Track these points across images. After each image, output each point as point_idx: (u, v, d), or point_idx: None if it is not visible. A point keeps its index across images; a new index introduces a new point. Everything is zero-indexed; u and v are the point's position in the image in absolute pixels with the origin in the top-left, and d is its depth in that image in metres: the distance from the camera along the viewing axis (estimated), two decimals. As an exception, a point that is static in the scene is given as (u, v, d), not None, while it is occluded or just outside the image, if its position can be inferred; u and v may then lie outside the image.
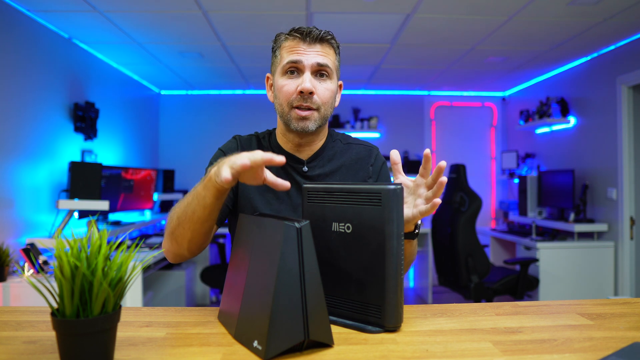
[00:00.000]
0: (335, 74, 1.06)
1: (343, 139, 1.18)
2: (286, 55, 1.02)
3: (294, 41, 1.02)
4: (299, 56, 1.01)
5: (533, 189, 4.17)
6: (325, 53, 1.03)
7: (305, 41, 1.01)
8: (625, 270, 3.37)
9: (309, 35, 1.01)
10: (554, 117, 3.93)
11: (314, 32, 1.01)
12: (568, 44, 3.34)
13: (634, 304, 0.92)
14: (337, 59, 1.08)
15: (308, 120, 1.02)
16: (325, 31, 1.03)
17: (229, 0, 2.57)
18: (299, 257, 0.65)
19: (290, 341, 0.63)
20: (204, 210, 0.87)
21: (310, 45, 1.02)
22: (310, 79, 1.00)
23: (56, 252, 0.57)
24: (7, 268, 2.34)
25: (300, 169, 1.10)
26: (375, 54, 3.61)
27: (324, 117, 1.04)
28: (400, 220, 0.74)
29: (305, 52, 1.01)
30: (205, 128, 4.94)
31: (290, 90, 1.01)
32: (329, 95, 1.04)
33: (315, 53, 1.01)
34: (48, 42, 2.89)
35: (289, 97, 1.02)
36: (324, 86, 1.03)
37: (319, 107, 1.03)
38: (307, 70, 1.01)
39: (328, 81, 1.04)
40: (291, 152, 1.10)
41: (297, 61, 1.01)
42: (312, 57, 1.01)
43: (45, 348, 0.67)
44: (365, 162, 1.14)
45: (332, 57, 1.04)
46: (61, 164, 3.00)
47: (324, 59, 1.02)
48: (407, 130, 5.11)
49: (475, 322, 0.80)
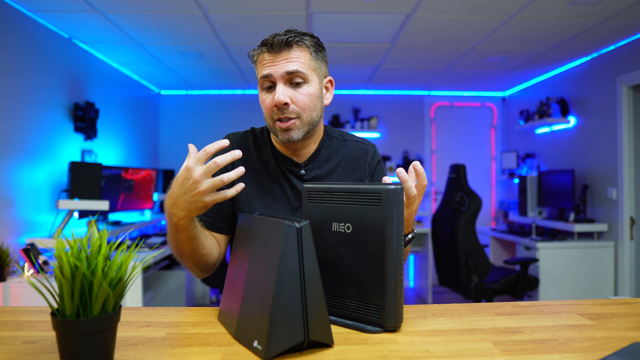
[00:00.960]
0: (315, 74, 1.02)
1: (339, 136, 1.16)
2: (260, 70, 1.01)
3: (262, 54, 1.01)
4: (268, 69, 0.99)
5: (533, 189, 4.17)
6: (295, 57, 0.99)
7: (271, 51, 0.99)
8: (625, 270, 3.37)
9: (273, 44, 0.98)
10: (554, 117, 3.93)
11: (277, 39, 0.98)
12: (568, 44, 3.34)
13: (634, 304, 0.92)
14: (315, 57, 1.02)
15: (291, 130, 1.00)
16: (290, 34, 0.99)
17: (229, 0, 2.57)
18: (299, 257, 0.65)
19: (290, 341, 0.63)
20: (191, 243, 0.92)
21: (278, 54, 0.98)
22: (284, 90, 0.98)
23: (56, 252, 0.57)
24: (7, 268, 2.34)
25: (298, 172, 1.09)
26: (375, 54, 3.61)
27: (308, 122, 1.02)
28: (401, 220, 0.74)
29: (274, 62, 0.98)
30: (205, 128, 4.94)
31: (268, 104, 1.00)
32: (308, 100, 1.00)
33: (284, 61, 0.98)
34: (48, 42, 2.89)
35: (269, 111, 1.01)
36: (301, 92, 1.00)
37: (300, 115, 1.00)
38: (279, 82, 0.98)
39: (304, 86, 1.00)
40: (288, 155, 1.10)
41: (268, 75, 0.99)
42: (280, 66, 0.98)
43: (45, 348, 0.67)
44: (362, 160, 1.13)
45: (304, 59, 1.00)
46: (61, 164, 3.00)
47: (292, 66, 0.98)
48: (407, 130, 5.11)
49: (475, 322, 0.80)
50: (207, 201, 0.81)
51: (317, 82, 1.03)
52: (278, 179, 1.09)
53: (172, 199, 0.84)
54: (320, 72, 1.05)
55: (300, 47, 1.00)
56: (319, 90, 1.04)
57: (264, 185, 1.09)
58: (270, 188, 1.08)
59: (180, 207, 0.83)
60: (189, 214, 0.84)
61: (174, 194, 0.83)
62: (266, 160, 1.10)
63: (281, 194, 1.08)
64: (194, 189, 0.80)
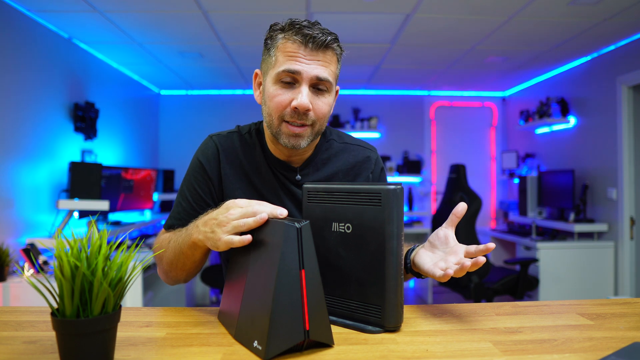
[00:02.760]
0: (334, 84, 0.94)
1: (338, 138, 1.08)
2: (283, 60, 0.89)
3: (293, 44, 0.88)
4: (298, 66, 0.88)
5: (533, 189, 4.17)
6: (328, 63, 0.90)
7: (307, 47, 0.88)
8: (625, 270, 3.37)
9: (313, 42, 0.87)
10: (554, 117, 3.93)
11: (317, 38, 0.87)
12: (568, 44, 3.34)
13: (634, 304, 0.92)
14: (338, 67, 0.95)
15: (300, 137, 0.91)
16: (330, 37, 0.90)
17: (229, 0, 2.57)
18: (299, 258, 0.65)
19: (290, 341, 0.63)
20: (193, 263, 0.91)
21: (312, 53, 0.88)
22: (308, 94, 0.89)
23: (56, 252, 0.57)
24: (7, 268, 2.33)
25: (293, 177, 1.01)
26: (375, 54, 3.61)
27: (317, 132, 0.95)
28: (400, 220, 0.74)
29: (306, 61, 0.88)
30: (205, 128, 4.93)
31: (283, 102, 0.89)
32: (327, 110, 0.93)
33: (316, 63, 0.88)
34: (48, 42, 2.89)
35: (281, 110, 0.90)
36: (322, 101, 0.91)
37: (314, 123, 0.92)
38: (304, 84, 0.88)
39: (327, 95, 0.92)
40: (281, 158, 1.01)
41: (296, 72, 0.88)
42: (312, 68, 0.88)
43: (45, 348, 0.67)
44: (365, 167, 1.07)
45: (333, 67, 0.92)
46: (61, 164, 3.00)
47: (324, 72, 0.89)
48: (407, 130, 5.11)
49: (475, 322, 0.80)
50: (223, 239, 0.75)
51: (334, 92, 0.97)
52: (272, 185, 1.01)
53: (207, 217, 0.80)
54: (337, 81, 0.97)
55: (334, 52, 0.92)
56: (334, 100, 0.97)
57: (256, 191, 1.01)
58: (263, 194, 1.00)
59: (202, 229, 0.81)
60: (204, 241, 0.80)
61: (212, 215, 0.79)
62: (257, 164, 1.01)
63: (276, 201, 1.00)
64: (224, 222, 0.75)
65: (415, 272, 0.87)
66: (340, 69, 0.98)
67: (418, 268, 0.84)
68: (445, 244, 0.84)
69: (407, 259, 0.88)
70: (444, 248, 0.84)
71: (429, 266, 0.80)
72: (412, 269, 0.87)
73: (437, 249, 0.85)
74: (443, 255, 0.82)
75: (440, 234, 0.86)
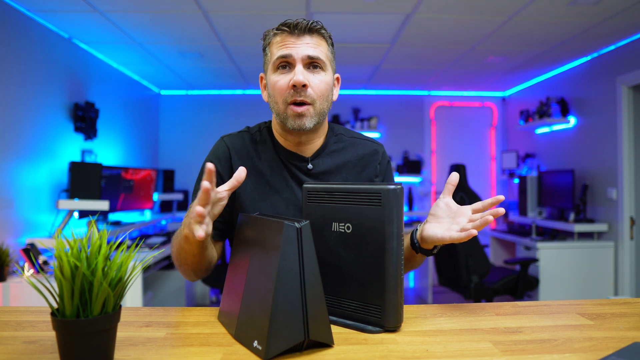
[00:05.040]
0: (330, 65, 1.01)
1: (346, 133, 1.13)
2: (276, 50, 0.98)
3: (282, 35, 0.98)
4: (288, 50, 0.96)
5: (533, 189, 4.17)
6: (316, 44, 0.98)
7: (293, 34, 0.97)
8: (625, 270, 3.37)
9: (297, 27, 0.97)
10: (554, 117, 3.93)
11: (301, 23, 0.97)
12: (568, 44, 3.34)
13: (634, 304, 0.92)
14: (330, 50, 1.03)
15: (304, 117, 0.97)
16: (314, 21, 0.98)
17: (229, 0, 2.57)
18: (299, 258, 0.65)
19: (290, 341, 0.63)
20: (193, 257, 0.92)
21: (300, 38, 0.97)
22: (303, 72, 0.96)
23: (56, 252, 0.57)
24: (7, 268, 2.34)
25: (305, 167, 1.05)
26: (375, 54, 3.61)
27: (320, 112, 1.00)
28: (400, 220, 0.74)
29: (295, 44, 0.96)
30: (205, 128, 4.93)
31: (283, 85, 0.97)
32: (324, 87, 0.99)
33: (305, 45, 0.96)
34: (48, 42, 2.89)
35: (283, 92, 0.97)
36: (318, 78, 0.98)
37: (314, 101, 0.98)
38: (298, 63, 0.96)
39: (322, 73, 0.99)
40: (292, 150, 1.05)
41: (287, 55, 0.96)
42: (302, 49, 0.96)
43: (45, 348, 0.67)
44: (373, 159, 1.11)
45: (323, 47, 0.99)
46: (61, 164, 3.00)
47: (314, 51, 0.97)
48: (407, 130, 5.11)
49: (475, 322, 0.80)
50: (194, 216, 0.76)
51: (331, 73, 1.02)
52: (283, 175, 1.05)
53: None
54: (333, 66, 1.04)
55: (321, 36, 1.00)
56: (331, 81, 1.03)
57: (267, 184, 1.04)
58: (274, 187, 1.04)
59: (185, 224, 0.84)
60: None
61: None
62: (268, 157, 1.06)
63: (288, 192, 1.04)
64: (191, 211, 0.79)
65: (425, 251, 0.90)
66: (334, 55, 1.05)
67: (430, 241, 0.87)
68: (449, 211, 0.88)
69: (414, 239, 0.92)
70: (448, 214, 0.88)
71: (443, 232, 0.84)
72: (422, 247, 0.90)
73: (442, 218, 0.88)
74: (451, 221, 0.87)
75: (440, 204, 0.90)
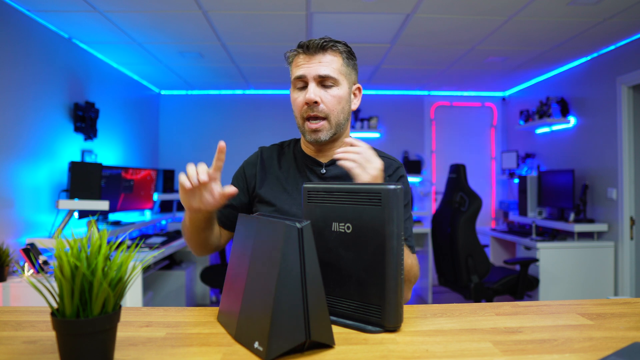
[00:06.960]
0: (345, 79, 1.09)
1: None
2: (294, 71, 1.09)
3: (297, 56, 1.08)
4: (302, 70, 1.06)
5: (533, 189, 4.17)
6: (328, 62, 1.06)
7: (306, 53, 1.07)
8: (625, 270, 3.37)
9: (309, 47, 1.06)
10: (554, 117, 3.93)
11: (312, 42, 1.06)
12: (568, 44, 3.34)
13: (634, 304, 0.92)
14: (346, 63, 1.10)
15: (319, 132, 1.07)
16: (325, 40, 1.06)
17: (229, 0, 2.57)
18: (300, 258, 0.65)
19: (291, 342, 0.63)
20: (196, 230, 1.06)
21: (312, 57, 1.06)
22: (315, 89, 1.05)
23: (56, 252, 0.57)
24: (7, 268, 2.33)
25: (319, 171, 1.14)
26: (375, 54, 3.61)
27: (336, 124, 1.09)
28: (400, 220, 0.74)
29: (308, 64, 1.06)
30: (205, 128, 4.93)
31: (299, 103, 1.08)
32: (336, 102, 1.07)
33: (317, 65, 1.05)
34: (48, 42, 2.89)
35: (300, 109, 1.08)
36: (330, 94, 1.07)
37: (327, 116, 1.07)
38: (311, 82, 1.06)
39: (334, 88, 1.07)
40: (312, 155, 1.16)
41: (302, 75, 1.06)
42: (313, 69, 1.05)
43: (45, 348, 0.67)
44: (386, 172, 1.14)
45: (336, 63, 1.07)
46: (61, 164, 3.00)
47: (325, 69, 1.05)
48: (407, 130, 5.11)
49: (475, 322, 0.80)
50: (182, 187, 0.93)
51: (347, 87, 1.10)
52: (296, 179, 1.15)
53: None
54: (350, 79, 1.12)
55: (334, 52, 1.08)
56: (347, 94, 1.11)
57: (281, 187, 1.15)
58: (287, 189, 1.14)
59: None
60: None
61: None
62: (287, 164, 1.18)
63: (297, 193, 1.13)
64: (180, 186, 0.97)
65: None
66: (352, 67, 1.13)
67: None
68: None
69: None
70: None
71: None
72: None
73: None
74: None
75: None
